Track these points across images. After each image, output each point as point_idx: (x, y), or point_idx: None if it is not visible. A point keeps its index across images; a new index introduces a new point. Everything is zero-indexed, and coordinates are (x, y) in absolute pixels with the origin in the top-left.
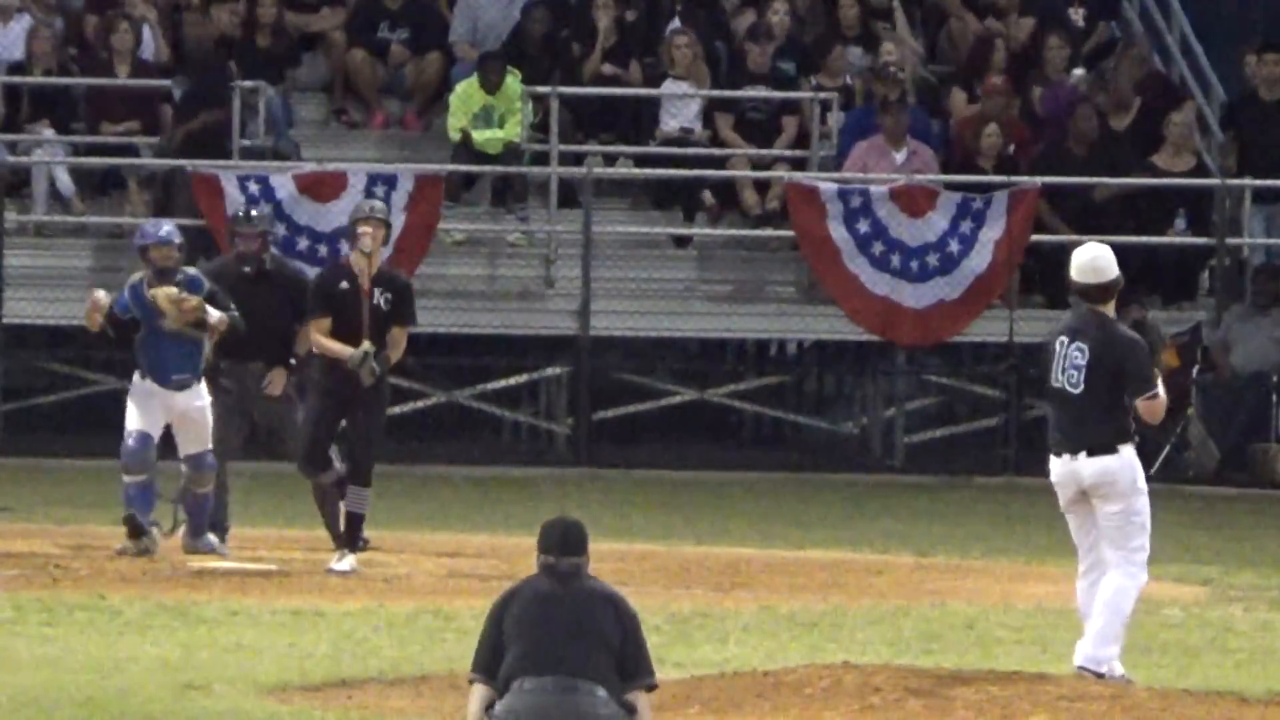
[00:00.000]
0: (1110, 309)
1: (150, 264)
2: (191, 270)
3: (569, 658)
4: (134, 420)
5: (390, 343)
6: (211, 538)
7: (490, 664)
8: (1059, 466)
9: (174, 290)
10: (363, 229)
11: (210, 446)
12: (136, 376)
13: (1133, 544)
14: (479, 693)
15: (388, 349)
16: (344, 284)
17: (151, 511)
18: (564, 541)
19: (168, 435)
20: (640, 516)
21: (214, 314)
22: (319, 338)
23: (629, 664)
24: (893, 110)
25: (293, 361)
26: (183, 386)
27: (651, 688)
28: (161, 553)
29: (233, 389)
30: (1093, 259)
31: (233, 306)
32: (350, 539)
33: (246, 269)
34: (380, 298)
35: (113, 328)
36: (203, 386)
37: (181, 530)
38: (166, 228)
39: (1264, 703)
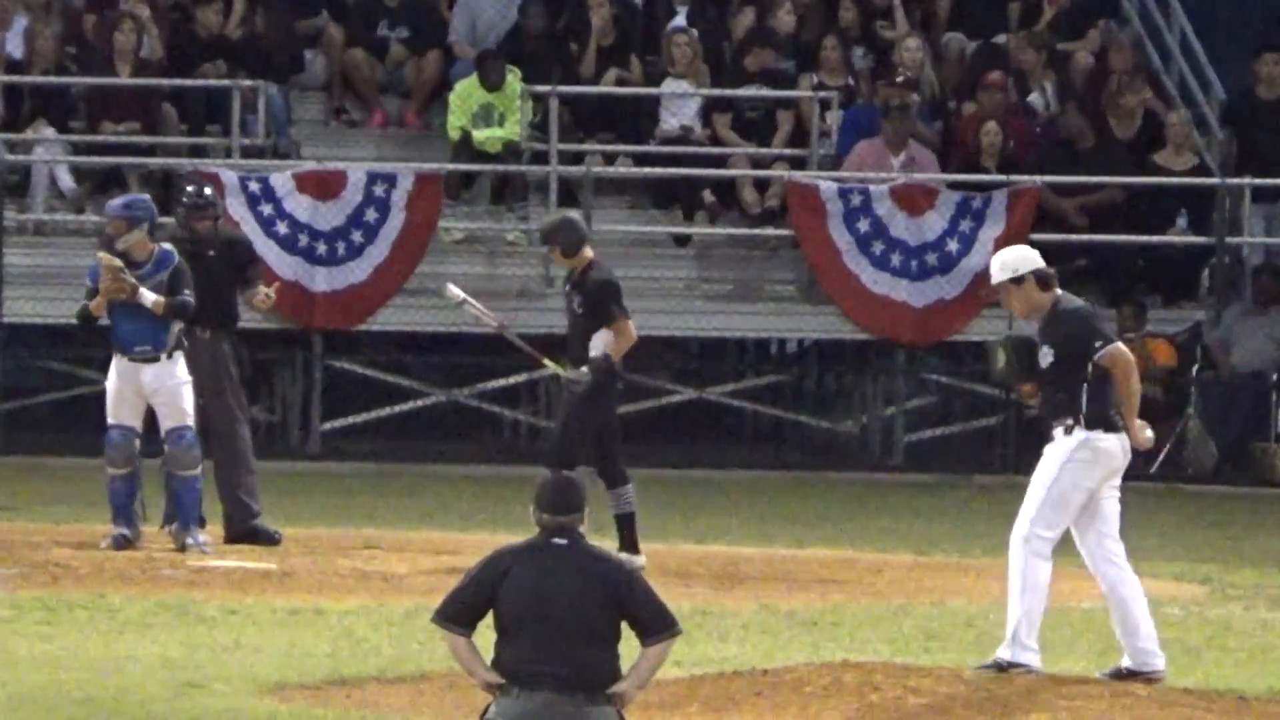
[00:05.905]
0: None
1: (107, 235)
2: (166, 246)
3: (568, 661)
4: (113, 412)
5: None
6: (202, 536)
7: (460, 618)
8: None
9: (118, 262)
10: None
11: (190, 423)
12: (114, 355)
13: None
14: (461, 642)
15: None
16: None
17: (135, 502)
18: (558, 500)
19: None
20: (641, 516)
21: (148, 297)
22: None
23: (646, 625)
24: (895, 118)
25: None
26: (146, 359)
27: (676, 634)
28: (147, 544)
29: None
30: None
31: (188, 291)
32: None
33: (210, 252)
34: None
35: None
36: (176, 363)
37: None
38: (122, 201)
39: (1264, 701)
